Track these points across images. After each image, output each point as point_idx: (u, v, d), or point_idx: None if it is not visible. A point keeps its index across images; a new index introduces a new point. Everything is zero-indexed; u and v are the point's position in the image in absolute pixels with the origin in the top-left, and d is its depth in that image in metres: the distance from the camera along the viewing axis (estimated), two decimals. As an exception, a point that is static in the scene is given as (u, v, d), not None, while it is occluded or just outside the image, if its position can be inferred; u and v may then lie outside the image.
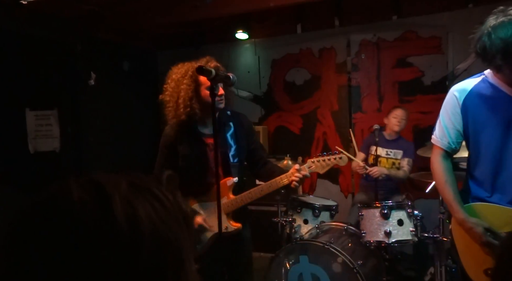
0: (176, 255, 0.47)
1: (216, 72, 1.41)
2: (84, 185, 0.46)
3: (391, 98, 3.90)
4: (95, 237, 0.42)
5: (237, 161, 1.98)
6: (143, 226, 0.45)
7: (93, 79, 3.77)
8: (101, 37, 4.05)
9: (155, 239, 0.45)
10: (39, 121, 3.66)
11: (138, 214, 0.45)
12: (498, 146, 1.47)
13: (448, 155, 1.62)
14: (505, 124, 1.46)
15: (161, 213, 0.48)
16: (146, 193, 0.48)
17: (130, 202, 0.46)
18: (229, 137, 1.97)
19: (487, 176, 1.51)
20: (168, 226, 0.48)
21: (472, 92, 1.52)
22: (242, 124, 2.03)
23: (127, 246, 0.43)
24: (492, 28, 1.32)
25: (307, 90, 4.20)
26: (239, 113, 2.09)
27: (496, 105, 1.47)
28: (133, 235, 0.44)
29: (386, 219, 2.47)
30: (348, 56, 4.04)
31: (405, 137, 3.52)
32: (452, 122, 1.57)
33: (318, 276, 2.43)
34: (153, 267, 0.44)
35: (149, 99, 4.70)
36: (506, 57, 1.32)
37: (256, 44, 4.38)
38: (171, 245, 0.47)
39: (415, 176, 3.05)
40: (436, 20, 3.63)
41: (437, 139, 1.63)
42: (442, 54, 3.66)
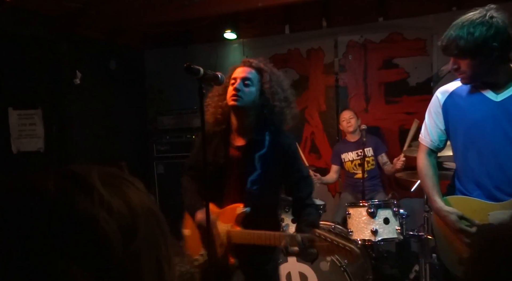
0: (158, 243, 0.48)
1: (204, 71, 1.40)
2: (59, 175, 0.45)
3: (377, 99, 3.96)
4: (81, 222, 0.41)
5: (256, 188, 1.62)
6: (138, 208, 0.45)
7: (78, 78, 3.72)
8: (87, 35, 3.99)
9: (147, 223, 0.46)
10: (23, 121, 3.59)
11: (130, 198, 0.45)
12: (474, 144, 1.55)
13: (432, 152, 1.71)
14: (481, 123, 1.53)
15: (144, 197, 0.48)
16: (124, 181, 0.49)
17: (117, 187, 0.46)
18: (257, 158, 1.62)
19: (466, 172, 1.59)
20: (154, 210, 0.49)
21: (453, 94, 1.62)
22: (281, 147, 1.64)
23: (126, 230, 0.43)
24: (460, 22, 1.44)
25: (295, 90, 4.17)
26: (284, 133, 1.69)
27: (474, 105, 1.55)
28: (132, 218, 0.44)
29: (372, 218, 2.52)
30: (335, 57, 4.07)
31: (374, 135, 3.58)
32: (435, 122, 1.66)
33: (306, 275, 2.45)
34: (142, 252, 0.45)
35: (136, 98, 4.67)
36: (444, 51, 1.48)
37: (244, 44, 4.38)
38: (159, 230, 0.48)
39: (401, 175, 3.11)
40: (421, 22, 3.70)
41: (422, 138, 1.73)
42: (427, 56, 3.74)
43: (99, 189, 0.43)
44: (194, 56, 4.41)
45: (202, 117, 1.40)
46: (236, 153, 1.66)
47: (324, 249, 1.34)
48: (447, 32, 1.46)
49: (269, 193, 1.66)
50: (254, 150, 1.62)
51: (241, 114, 1.60)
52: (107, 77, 4.23)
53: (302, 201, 1.66)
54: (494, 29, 1.38)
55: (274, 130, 1.65)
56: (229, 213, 1.62)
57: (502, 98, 1.51)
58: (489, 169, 1.52)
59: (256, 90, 1.59)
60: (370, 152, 3.40)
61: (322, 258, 1.40)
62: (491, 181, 1.51)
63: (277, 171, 1.64)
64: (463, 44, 1.39)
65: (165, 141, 4.33)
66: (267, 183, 1.63)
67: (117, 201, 0.44)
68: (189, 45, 4.48)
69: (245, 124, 1.63)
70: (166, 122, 4.51)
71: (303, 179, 1.67)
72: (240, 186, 1.63)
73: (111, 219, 0.42)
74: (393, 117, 3.89)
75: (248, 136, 1.65)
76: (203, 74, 1.39)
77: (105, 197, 0.43)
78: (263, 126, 1.63)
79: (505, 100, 1.50)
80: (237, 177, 1.64)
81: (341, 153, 3.50)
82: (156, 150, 4.34)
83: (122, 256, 0.42)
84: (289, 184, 1.69)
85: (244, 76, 1.59)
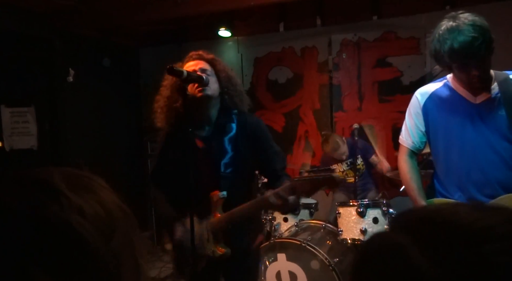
0: (132, 240, 0.48)
1: (187, 72, 1.39)
2: (20, 183, 0.44)
3: (371, 97, 3.96)
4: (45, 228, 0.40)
5: (230, 171, 1.61)
6: (112, 207, 0.45)
7: (71, 75, 3.71)
8: (80, 33, 3.98)
9: (122, 220, 0.46)
10: (15, 118, 3.58)
11: (102, 197, 0.45)
12: (454, 146, 1.55)
13: (413, 153, 1.70)
14: (461, 125, 1.53)
15: (113, 195, 0.48)
16: (91, 180, 0.48)
17: (86, 187, 0.45)
18: (226, 141, 1.63)
19: (447, 174, 1.59)
20: (124, 207, 0.48)
21: (433, 95, 1.61)
22: (250, 127, 1.65)
23: (104, 230, 0.43)
24: (441, 31, 1.41)
25: (290, 88, 4.23)
26: (248, 114, 1.71)
27: (453, 108, 1.55)
28: (108, 217, 0.44)
29: (362, 217, 2.52)
30: (329, 56, 4.08)
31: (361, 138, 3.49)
32: (415, 123, 1.65)
33: (295, 273, 2.47)
34: (121, 250, 0.45)
35: (130, 96, 4.67)
36: (452, 57, 1.40)
37: (239, 42, 4.37)
38: (131, 226, 0.48)
39: (392, 174, 3.12)
40: (414, 21, 3.70)
41: (403, 139, 1.72)
42: (420, 55, 3.74)
43: (65, 192, 0.43)
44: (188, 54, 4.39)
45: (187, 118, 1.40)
46: (204, 142, 1.65)
47: (307, 188, 1.35)
48: (444, 40, 1.38)
49: (244, 175, 1.66)
50: (222, 134, 1.63)
51: (207, 104, 1.59)
52: (101, 75, 4.23)
53: (276, 173, 1.64)
54: (486, 29, 1.37)
55: (239, 113, 1.67)
56: (211, 204, 1.59)
57: (481, 101, 1.51)
58: (469, 171, 1.52)
59: (215, 81, 1.60)
60: (359, 159, 3.38)
61: (307, 197, 1.42)
62: (472, 183, 1.51)
63: (248, 151, 1.63)
64: (478, 47, 1.34)
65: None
66: (240, 164, 1.63)
67: (89, 202, 0.44)
68: (184, 43, 4.47)
69: (210, 113, 1.62)
70: (160, 120, 4.51)
71: (275, 153, 1.67)
72: (214, 173, 1.62)
73: (85, 221, 0.42)
74: (386, 116, 3.90)
75: (213, 124, 1.64)
76: (186, 76, 1.38)
77: (72, 199, 0.42)
78: (227, 112, 1.65)
79: (483, 103, 1.50)
80: (210, 166, 1.62)
81: (331, 164, 3.41)
82: (150, 147, 4.35)
83: (102, 256, 0.42)
84: (262, 161, 1.67)
85: (201, 67, 1.58)
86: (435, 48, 1.43)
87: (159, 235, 4.27)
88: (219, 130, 1.64)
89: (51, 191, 0.43)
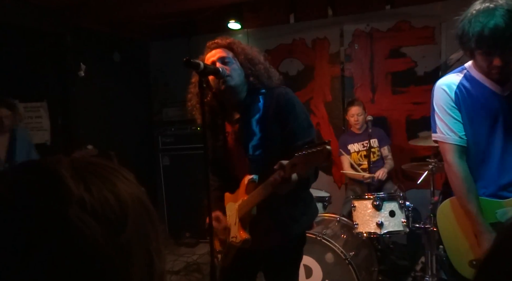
0: (148, 235, 0.46)
1: (204, 65, 1.37)
2: (23, 171, 0.42)
3: (384, 89, 3.89)
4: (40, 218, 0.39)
5: (259, 154, 1.54)
6: (127, 199, 0.43)
7: (83, 70, 3.71)
8: (90, 27, 3.98)
9: (137, 214, 0.44)
10: (29, 114, 3.61)
11: (118, 188, 0.43)
12: (484, 142, 1.47)
13: (462, 152, 1.49)
14: (491, 119, 1.46)
15: (134, 187, 0.46)
16: (113, 171, 0.46)
17: (103, 177, 0.44)
18: (254, 123, 1.55)
19: (472, 170, 1.49)
20: (144, 201, 0.47)
21: (460, 87, 1.51)
22: (275, 102, 1.54)
23: (112, 222, 0.41)
24: (475, 11, 1.32)
25: (301, 81, 4.18)
26: (277, 88, 1.59)
27: (482, 101, 1.47)
28: (120, 209, 0.42)
29: (378, 210, 2.49)
30: (341, 47, 4.01)
31: (378, 126, 3.51)
32: (452, 116, 1.50)
33: (310, 267, 2.45)
34: (132, 244, 0.43)
35: (140, 90, 4.67)
36: (479, 42, 1.31)
37: (249, 35, 4.33)
38: (149, 222, 0.46)
39: (407, 166, 3.07)
40: (429, 10, 3.61)
41: (443, 135, 1.50)
42: (435, 44, 3.65)
43: (66, 181, 0.40)
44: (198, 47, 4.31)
45: (202, 111, 1.38)
46: (234, 126, 1.61)
47: (302, 164, 1.26)
48: (476, 22, 1.29)
49: (276, 157, 1.48)
50: (250, 115, 1.56)
51: (234, 92, 1.55)
52: (112, 69, 4.23)
53: (297, 148, 1.39)
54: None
55: (266, 91, 1.58)
56: (241, 188, 1.55)
57: (507, 93, 1.44)
58: (495, 167, 1.46)
59: (236, 65, 1.55)
60: (375, 143, 3.36)
61: (302, 171, 1.29)
62: (497, 179, 1.46)
63: (277, 130, 1.53)
64: (509, 36, 1.25)
65: (170, 133, 4.33)
66: (270, 146, 1.54)
67: (101, 192, 0.42)
68: (193, 36, 4.44)
69: (239, 99, 1.59)
70: (171, 114, 4.51)
71: (300, 128, 1.53)
72: (243, 157, 1.56)
73: (83, 213, 0.39)
74: (400, 108, 3.83)
75: (242, 107, 1.60)
76: (203, 68, 1.36)
77: (73, 189, 0.40)
78: (254, 92, 1.58)
79: (511, 95, 1.44)
80: (240, 149, 1.57)
81: (348, 144, 3.47)
82: (161, 141, 4.35)
83: (108, 249, 0.40)
84: (287, 135, 1.52)
85: (220, 56, 1.54)
86: (463, 29, 1.34)
87: (171, 228, 4.29)
88: (246, 113, 1.57)
89: (51, 181, 0.41)
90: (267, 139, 1.54)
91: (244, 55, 1.58)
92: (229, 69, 1.52)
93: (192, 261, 3.70)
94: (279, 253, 1.62)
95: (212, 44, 1.61)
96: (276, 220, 1.55)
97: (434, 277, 2.59)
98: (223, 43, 1.59)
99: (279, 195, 1.38)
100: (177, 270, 3.53)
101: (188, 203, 3.89)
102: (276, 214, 1.54)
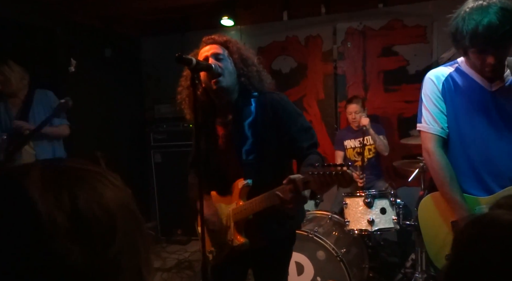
0: (137, 246, 0.43)
1: (196, 61, 1.35)
2: None
3: (376, 87, 3.91)
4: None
5: (252, 158, 1.52)
6: (114, 208, 0.40)
7: (73, 66, 3.65)
8: (81, 22, 3.92)
9: (125, 223, 0.41)
10: (18, 109, 3.54)
11: (103, 196, 0.40)
12: (468, 135, 1.47)
13: (443, 142, 1.50)
14: (477, 113, 1.46)
15: (121, 193, 0.43)
16: (97, 175, 0.42)
17: (87, 183, 0.40)
18: (246, 127, 1.53)
19: (460, 163, 1.48)
20: (132, 208, 0.43)
21: (448, 79, 1.50)
22: (269, 108, 1.52)
23: (103, 236, 0.38)
24: (469, 9, 1.32)
25: (294, 78, 4.18)
26: (269, 93, 1.57)
27: (469, 94, 1.47)
28: (108, 220, 0.39)
29: (369, 208, 2.51)
30: (334, 45, 4.02)
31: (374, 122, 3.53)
32: (437, 106, 1.50)
33: (302, 264, 2.46)
34: (122, 256, 0.40)
35: (132, 86, 4.62)
36: (473, 40, 1.31)
37: (242, 32, 4.31)
38: (138, 230, 0.43)
39: (398, 164, 3.09)
40: (421, 9, 3.63)
41: (427, 125, 1.51)
42: (427, 43, 3.68)
43: (33, 198, 0.36)
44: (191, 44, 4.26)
45: (194, 108, 1.36)
46: (226, 129, 1.59)
47: (318, 184, 1.21)
48: (469, 20, 1.28)
49: (270, 162, 1.52)
50: (242, 119, 1.54)
51: (226, 92, 1.54)
52: (103, 65, 4.18)
53: (302, 151, 1.48)
54: None
55: (259, 94, 1.57)
56: (234, 192, 1.55)
57: (496, 88, 1.45)
58: (484, 161, 1.46)
59: (230, 65, 1.54)
60: (370, 140, 3.38)
61: (320, 194, 1.24)
62: (487, 174, 1.46)
63: (271, 135, 1.52)
64: (502, 34, 1.25)
65: (162, 130, 4.31)
66: (263, 150, 1.52)
67: (83, 203, 0.38)
68: (186, 32, 4.41)
69: (231, 99, 1.58)
70: (163, 111, 4.47)
71: (301, 130, 1.51)
72: (236, 161, 1.54)
73: (56, 231, 0.35)
74: (392, 106, 3.86)
75: (233, 109, 1.58)
76: (195, 64, 1.34)
77: (41, 207, 0.35)
78: (246, 95, 1.56)
79: (499, 90, 1.44)
80: (232, 153, 1.56)
81: (344, 140, 3.47)
82: (153, 138, 4.32)
83: (93, 266, 0.37)
84: (287, 141, 1.50)
85: (214, 52, 1.53)
86: (457, 27, 1.34)
87: (163, 225, 4.27)
88: (238, 116, 1.55)
89: (16, 198, 0.36)
90: (260, 144, 1.53)
91: (238, 55, 1.56)
92: (222, 66, 1.50)
93: (183, 258, 3.69)
94: (268, 252, 1.62)
95: (209, 39, 1.59)
96: (265, 222, 1.54)
97: (424, 274, 2.62)
98: (219, 40, 1.58)
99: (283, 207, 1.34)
100: (169, 268, 3.52)
101: (179, 200, 3.86)
102: (265, 215, 1.52)
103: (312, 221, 2.76)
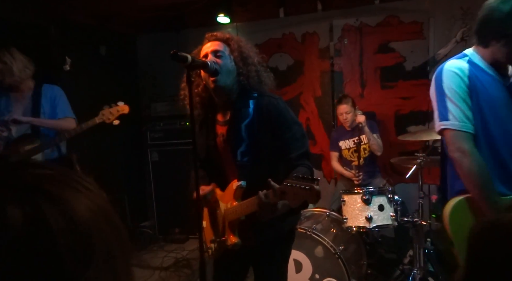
0: (114, 262, 0.39)
1: (192, 58, 1.34)
2: None
3: (373, 84, 3.91)
4: None
5: (247, 160, 1.52)
6: (88, 220, 0.36)
7: (68, 64, 3.63)
8: (76, 20, 3.88)
9: (102, 239, 0.37)
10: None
11: (75, 209, 0.36)
12: (498, 131, 1.39)
13: (474, 141, 1.36)
14: (501, 108, 1.40)
15: (96, 199, 0.39)
16: (73, 182, 0.39)
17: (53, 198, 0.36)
18: (243, 128, 1.53)
19: (488, 163, 1.36)
20: (108, 215, 0.40)
21: (472, 73, 1.39)
22: (266, 111, 1.51)
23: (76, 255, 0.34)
24: None
25: (290, 76, 4.17)
26: (268, 96, 1.55)
27: (490, 89, 1.40)
28: (83, 238, 0.35)
29: (367, 205, 2.51)
30: (330, 41, 4.00)
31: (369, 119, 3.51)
32: (466, 102, 1.36)
33: (300, 261, 2.46)
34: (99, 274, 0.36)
35: (128, 85, 4.59)
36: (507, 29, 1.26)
37: (238, 29, 4.29)
38: (115, 238, 0.40)
39: (396, 161, 3.09)
40: (417, 5, 3.63)
41: (459, 123, 1.36)
42: (424, 40, 3.68)
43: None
44: (187, 41, 4.31)
45: (191, 106, 1.35)
46: (223, 128, 1.60)
47: (291, 197, 1.21)
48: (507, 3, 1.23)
49: (264, 164, 1.52)
50: (239, 120, 1.53)
51: (223, 91, 1.54)
52: (98, 63, 4.14)
53: (290, 161, 1.48)
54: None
55: (257, 96, 1.55)
56: (229, 192, 1.55)
57: (508, 84, 1.43)
58: (504, 160, 1.38)
59: (229, 62, 1.52)
60: (365, 138, 3.38)
61: (293, 206, 1.21)
62: (502, 174, 1.38)
63: (266, 138, 1.51)
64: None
65: (158, 128, 4.28)
66: (258, 153, 1.52)
67: (51, 217, 0.33)
68: (182, 30, 4.38)
69: (229, 99, 1.57)
70: (159, 109, 4.45)
71: (293, 139, 1.50)
72: (232, 162, 1.54)
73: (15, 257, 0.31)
74: (389, 103, 3.86)
75: (232, 109, 1.57)
76: (191, 62, 1.33)
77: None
78: (245, 95, 1.55)
79: (510, 86, 1.42)
80: (229, 153, 1.56)
81: (339, 141, 3.47)
82: (150, 137, 4.30)
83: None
84: (278, 148, 1.50)
85: (214, 49, 1.52)
86: (492, 7, 1.28)
87: (160, 224, 4.26)
88: (235, 117, 1.54)
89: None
90: (255, 147, 1.52)
91: (238, 53, 1.54)
92: (220, 63, 1.49)
93: (181, 257, 3.68)
94: (267, 250, 1.62)
95: (211, 36, 1.59)
96: (256, 223, 1.52)
97: (422, 270, 2.62)
98: (221, 37, 1.57)
99: None
100: (167, 266, 3.51)
101: (177, 199, 3.86)
102: (256, 216, 1.50)
103: (310, 218, 2.75)
